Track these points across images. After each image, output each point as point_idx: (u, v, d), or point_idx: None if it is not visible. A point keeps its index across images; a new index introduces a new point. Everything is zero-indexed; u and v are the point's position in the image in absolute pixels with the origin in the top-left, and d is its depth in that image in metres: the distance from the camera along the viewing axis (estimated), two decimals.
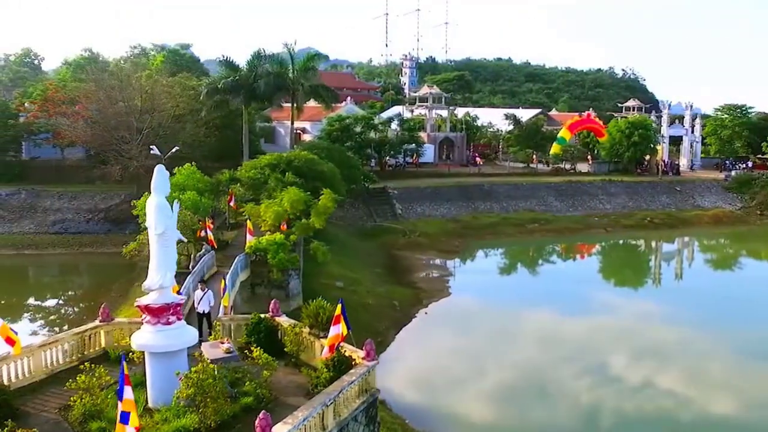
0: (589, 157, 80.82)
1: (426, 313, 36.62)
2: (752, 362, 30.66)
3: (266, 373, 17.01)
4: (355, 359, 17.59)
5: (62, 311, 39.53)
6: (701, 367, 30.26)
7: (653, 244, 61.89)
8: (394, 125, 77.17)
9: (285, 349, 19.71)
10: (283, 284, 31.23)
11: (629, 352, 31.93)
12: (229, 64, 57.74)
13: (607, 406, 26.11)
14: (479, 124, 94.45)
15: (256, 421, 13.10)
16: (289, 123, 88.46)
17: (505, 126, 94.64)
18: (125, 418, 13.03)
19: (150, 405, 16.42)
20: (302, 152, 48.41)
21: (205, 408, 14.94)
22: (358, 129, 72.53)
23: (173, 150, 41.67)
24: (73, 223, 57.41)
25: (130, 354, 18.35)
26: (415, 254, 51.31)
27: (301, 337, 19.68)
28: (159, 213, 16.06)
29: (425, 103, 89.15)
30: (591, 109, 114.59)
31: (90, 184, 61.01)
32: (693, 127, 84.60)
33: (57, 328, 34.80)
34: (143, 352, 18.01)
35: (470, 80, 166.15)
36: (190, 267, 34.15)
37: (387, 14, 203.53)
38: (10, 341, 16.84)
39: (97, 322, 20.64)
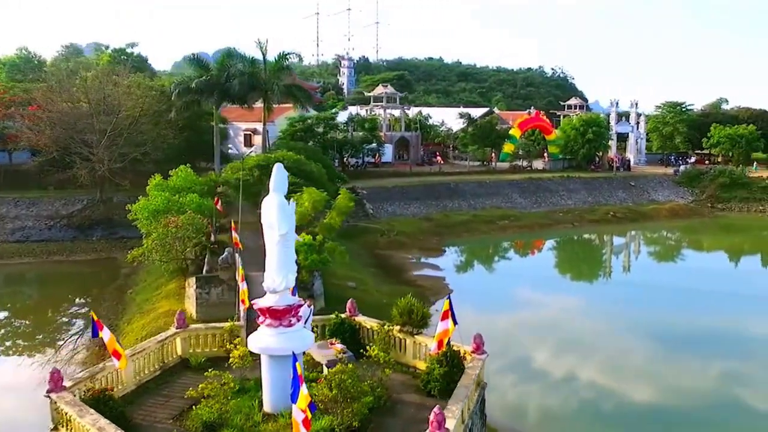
0: (545, 154, 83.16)
1: (437, 310, 36.89)
2: (678, 349, 32.17)
3: (388, 371, 16.96)
4: (463, 353, 17.77)
5: (57, 322, 37.54)
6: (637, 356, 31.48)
7: (625, 237, 64.32)
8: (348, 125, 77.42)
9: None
10: (308, 285, 30.85)
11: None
12: (199, 63, 56.26)
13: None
14: (431, 123, 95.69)
15: (431, 416, 13.10)
16: (239, 124, 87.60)
17: (457, 125, 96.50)
18: (301, 416, 12.77)
19: (268, 410, 16.01)
20: (288, 152, 47.83)
21: (345, 409, 14.76)
22: (320, 129, 72.35)
23: (253, 149, 40.62)
24: (34, 230, 54.75)
25: (230, 359, 17.97)
26: (399, 253, 51.51)
27: (391, 335, 19.67)
28: (282, 213, 15.75)
29: (380, 103, 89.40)
30: (532, 108, 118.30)
31: (43, 190, 58.38)
32: (638, 124, 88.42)
33: (61, 341, 33.26)
34: (244, 357, 17.67)
35: (410, 80, 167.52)
36: (204, 271, 33.38)
37: (318, 13, 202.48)
38: (117, 354, 16.13)
39: (173, 330, 19.97)
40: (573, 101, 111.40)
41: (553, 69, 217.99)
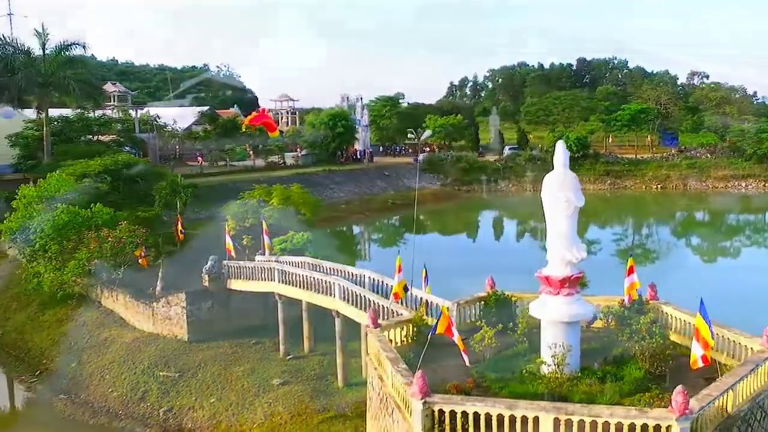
0: (298, 149, 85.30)
1: None
2: None
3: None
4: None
5: None
6: None
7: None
8: None
9: None
10: None
11: None
12: None
13: None
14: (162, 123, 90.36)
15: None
16: None
17: (186, 123, 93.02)
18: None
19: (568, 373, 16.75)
20: (123, 155, 43.00)
21: (665, 352, 16.65)
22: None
23: (425, 135, 36.16)
24: None
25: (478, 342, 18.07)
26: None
27: None
28: (576, 186, 16.66)
29: (111, 103, 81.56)
30: (235, 106, 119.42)
31: None
32: (363, 117, 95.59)
33: None
34: (489, 338, 18.05)
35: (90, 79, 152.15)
36: (160, 288, 29.29)
37: None
38: (466, 351, 15.63)
39: (368, 331, 18.79)
40: (281, 99, 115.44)
41: (218, 67, 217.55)
